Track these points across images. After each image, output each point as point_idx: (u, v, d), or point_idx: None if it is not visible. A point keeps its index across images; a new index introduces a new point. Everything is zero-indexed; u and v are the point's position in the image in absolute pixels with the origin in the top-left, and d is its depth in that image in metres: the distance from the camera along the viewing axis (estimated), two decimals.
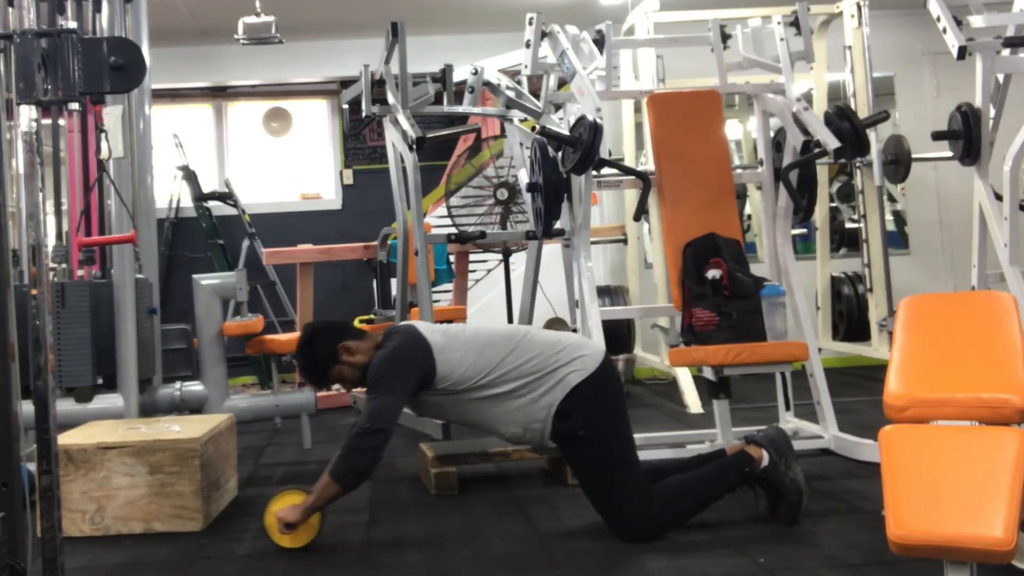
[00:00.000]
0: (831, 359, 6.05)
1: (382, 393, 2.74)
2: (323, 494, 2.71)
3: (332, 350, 2.90)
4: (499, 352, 2.81)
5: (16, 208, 2.98)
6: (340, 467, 2.69)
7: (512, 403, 2.79)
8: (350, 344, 2.91)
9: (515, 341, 2.84)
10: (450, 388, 2.80)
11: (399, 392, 2.76)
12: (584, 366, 2.79)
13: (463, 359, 2.80)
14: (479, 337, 2.86)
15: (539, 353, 2.81)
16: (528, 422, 2.79)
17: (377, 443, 2.68)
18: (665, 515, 2.75)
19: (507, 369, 2.79)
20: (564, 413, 2.77)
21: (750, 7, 4.99)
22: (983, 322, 2.23)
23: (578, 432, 2.75)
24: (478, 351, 2.81)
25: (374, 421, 2.69)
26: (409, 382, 2.78)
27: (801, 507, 2.75)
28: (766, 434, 2.86)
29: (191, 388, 4.17)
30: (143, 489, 3.05)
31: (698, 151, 3.95)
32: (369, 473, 2.74)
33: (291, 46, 6.36)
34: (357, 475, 2.72)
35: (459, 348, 2.82)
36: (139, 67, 2.02)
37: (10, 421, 1.88)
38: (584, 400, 2.77)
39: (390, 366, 2.79)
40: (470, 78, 4.76)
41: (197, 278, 4.32)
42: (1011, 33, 3.88)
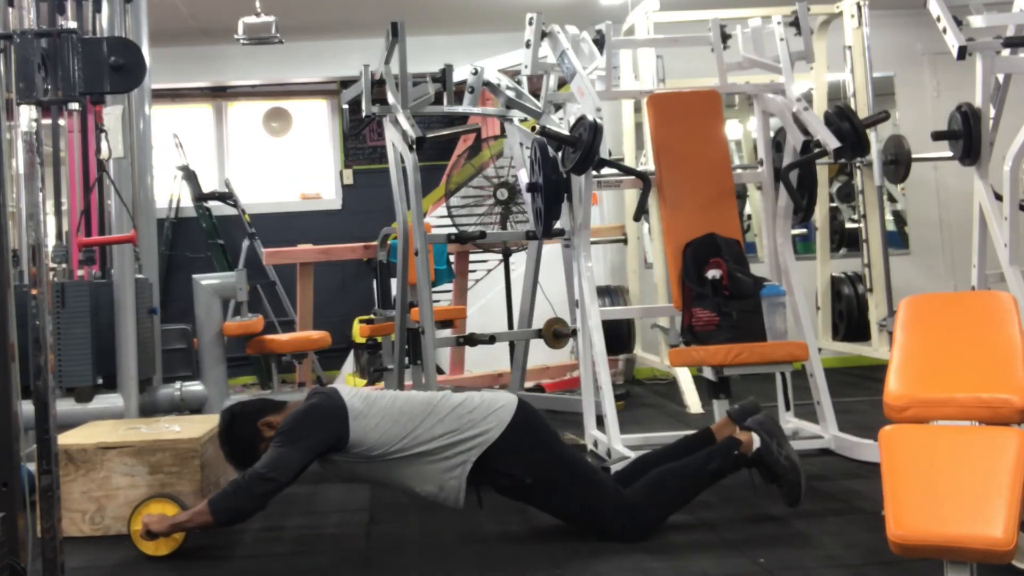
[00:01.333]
0: (831, 359, 6.05)
1: (286, 444, 2.68)
2: (195, 519, 2.66)
3: (252, 430, 2.83)
4: (414, 419, 2.76)
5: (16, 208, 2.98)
6: (222, 503, 2.63)
7: (425, 465, 2.74)
8: (271, 419, 2.84)
9: (431, 407, 2.79)
10: (363, 454, 2.75)
11: (304, 448, 2.69)
12: (500, 419, 2.76)
13: (378, 425, 2.74)
14: (396, 404, 2.81)
15: (452, 416, 2.77)
16: (443, 481, 2.75)
17: (266, 490, 2.63)
18: (655, 508, 2.75)
19: (419, 433, 2.74)
20: (504, 472, 2.74)
21: (750, 7, 4.99)
22: (983, 322, 2.23)
23: (525, 480, 2.74)
24: (394, 418, 2.76)
25: (270, 469, 2.63)
26: (316, 441, 2.72)
27: (801, 485, 2.75)
28: (754, 419, 2.86)
29: (191, 388, 4.17)
30: (143, 489, 3.05)
31: (698, 151, 3.95)
32: (248, 517, 2.69)
33: (291, 46, 6.36)
34: (236, 514, 2.67)
35: (375, 415, 2.76)
36: (139, 67, 2.03)
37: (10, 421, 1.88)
38: (514, 450, 2.74)
39: (302, 420, 2.74)
40: (470, 78, 4.76)
41: (197, 278, 4.32)
42: (1011, 33, 3.88)
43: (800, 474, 2.76)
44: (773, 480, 2.78)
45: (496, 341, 4.65)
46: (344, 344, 6.50)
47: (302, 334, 4.89)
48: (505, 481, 2.76)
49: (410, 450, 2.73)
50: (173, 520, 2.70)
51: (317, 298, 5.90)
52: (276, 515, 3.24)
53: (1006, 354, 2.12)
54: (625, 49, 5.83)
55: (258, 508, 2.67)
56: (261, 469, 2.63)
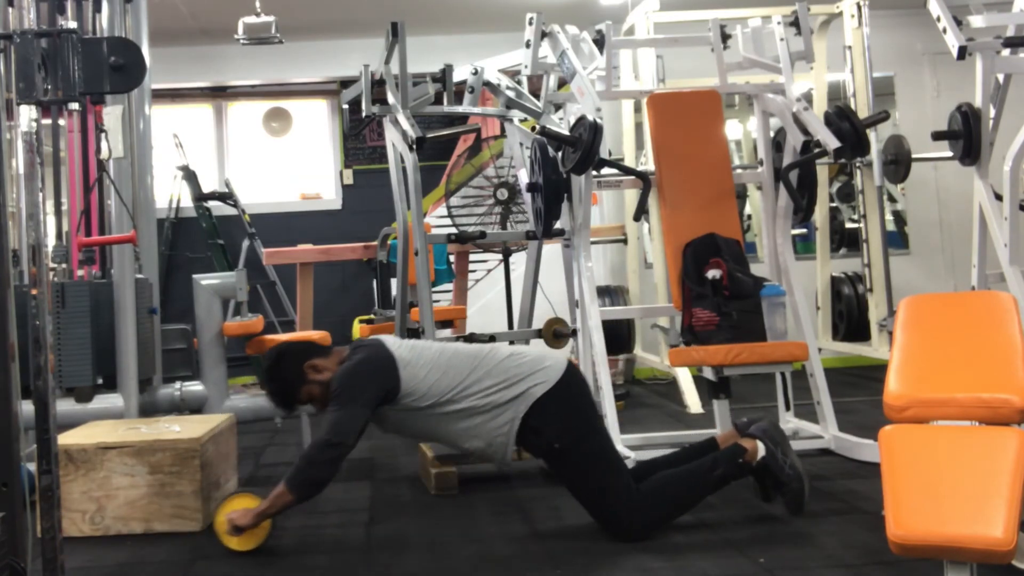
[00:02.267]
0: (831, 359, 6.05)
1: (344, 405, 2.71)
2: (276, 502, 2.69)
3: (299, 370, 2.86)
4: (463, 371, 2.79)
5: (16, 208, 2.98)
6: (297, 478, 2.67)
7: (475, 419, 2.78)
8: (317, 362, 2.87)
9: (479, 359, 2.83)
10: (413, 404, 2.78)
11: (361, 404, 2.73)
12: (547, 378, 2.78)
13: (428, 376, 2.78)
14: (444, 355, 2.84)
15: (501, 370, 2.79)
16: (491, 437, 2.78)
17: (336, 455, 2.66)
18: (659, 510, 2.75)
19: (469, 385, 2.77)
20: (536, 429, 2.76)
21: (750, 7, 4.99)
22: (983, 322, 2.23)
23: (554, 445, 2.75)
24: (443, 369, 2.79)
25: (335, 434, 2.66)
26: (372, 395, 2.75)
27: (804, 493, 2.75)
28: (759, 426, 2.86)
29: (191, 388, 4.17)
30: (143, 489, 3.05)
31: (698, 151, 3.95)
32: (325, 485, 2.71)
33: (291, 46, 6.36)
34: (313, 486, 2.70)
35: (424, 365, 2.79)
36: (139, 67, 2.02)
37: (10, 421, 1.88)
38: (553, 412, 2.76)
39: (353, 378, 2.77)
40: (470, 78, 4.75)
41: (197, 278, 4.32)
42: (1011, 33, 3.88)
43: (804, 482, 2.75)
44: (777, 488, 2.78)
45: (496, 341, 4.65)
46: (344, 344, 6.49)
47: (302, 334, 4.89)
48: (534, 439, 2.77)
49: (459, 402, 2.76)
50: (256, 510, 2.73)
51: (317, 298, 5.90)
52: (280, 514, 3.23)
53: (1006, 354, 2.12)
54: (625, 49, 5.83)
55: (333, 474, 2.69)
56: (326, 436, 2.67)
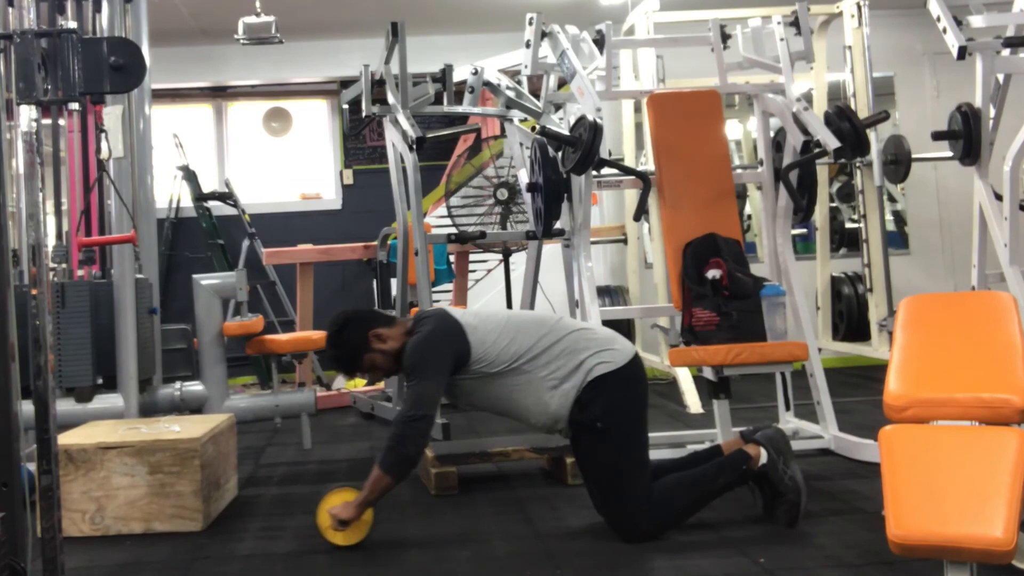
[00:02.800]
0: (831, 359, 6.05)
1: (421, 379, 2.75)
2: (375, 488, 2.72)
3: (363, 337, 2.88)
4: (531, 337, 2.82)
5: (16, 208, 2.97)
6: (389, 458, 2.70)
7: (543, 393, 2.79)
8: (381, 331, 2.89)
9: (547, 327, 2.85)
10: (483, 370, 2.80)
11: (437, 374, 2.77)
12: (613, 359, 2.80)
13: (497, 341, 2.81)
14: (512, 321, 2.88)
15: (570, 340, 2.82)
16: (557, 411, 2.79)
17: (422, 429, 2.70)
18: (663, 514, 2.75)
19: (538, 354, 2.80)
20: (585, 402, 2.76)
21: (750, 7, 4.99)
22: (983, 322, 2.23)
23: (596, 423, 2.75)
24: (511, 336, 2.82)
25: (417, 407, 2.70)
26: (446, 365, 2.78)
27: (800, 507, 2.75)
28: (764, 433, 2.86)
29: (191, 388, 4.17)
30: (143, 489, 3.05)
31: (698, 151, 3.95)
32: (418, 460, 2.75)
33: (291, 46, 6.36)
34: (407, 464, 2.73)
35: (492, 330, 2.83)
36: (139, 67, 2.02)
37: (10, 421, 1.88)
38: (607, 392, 2.76)
39: (426, 350, 2.79)
40: (470, 78, 4.76)
41: (197, 278, 4.32)
42: (1011, 33, 3.88)
43: (801, 495, 2.74)
44: (775, 497, 2.78)
45: None
46: None
47: (302, 334, 4.89)
48: (580, 414, 2.77)
49: (528, 371, 2.78)
50: (357, 500, 2.74)
51: (317, 298, 5.90)
52: (276, 515, 3.24)
53: (1006, 354, 2.12)
54: (625, 49, 5.83)
55: (423, 447, 2.74)
56: (409, 412, 2.70)
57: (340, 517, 2.74)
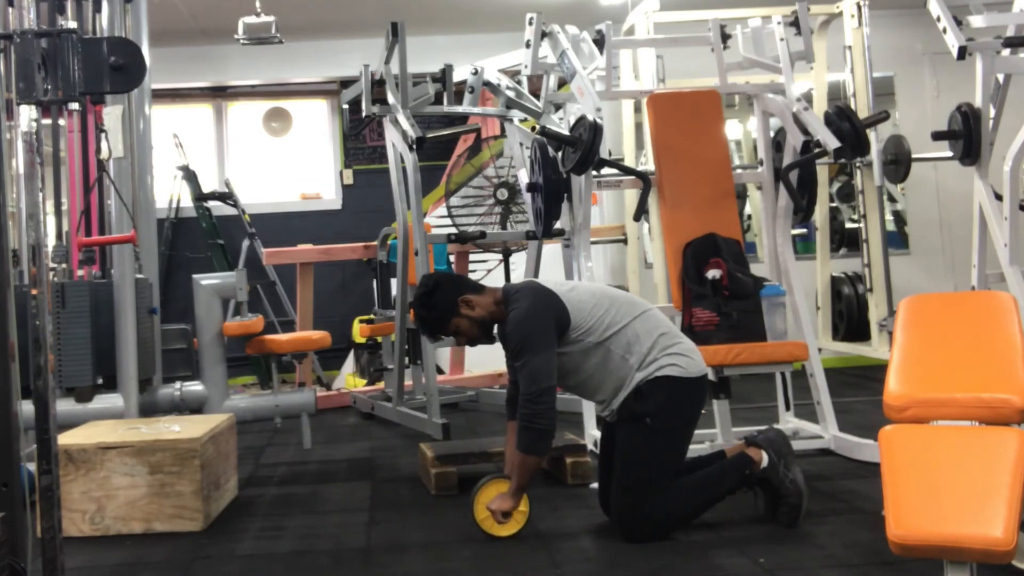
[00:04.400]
0: (831, 359, 6.05)
1: (533, 353, 2.74)
2: (524, 471, 2.75)
3: (453, 302, 2.90)
4: (625, 314, 2.83)
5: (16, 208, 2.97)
6: (527, 438, 2.72)
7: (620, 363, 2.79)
8: (470, 298, 2.91)
9: (640, 309, 2.87)
10: (584, 335, 2.80)
11: (547, 344, 2.76)
12: (687, 367, 2.81)
13: (593, 309, 2.81)
14: (606, 293, 2.90)
15: (658, 331, 2.83)
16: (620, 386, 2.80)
17: (549, 402, 2.71)
18: (667, 518, 2.75)
19: (631, 334, 2.80)
20: (644, 394, 2.77)
21: (750, 7, 4.99)
22: (983, 322, 2.23)
23: (646, 418, 2.76)
24: (605, 306, 2.83)
25: (536, 382, 2.71)
26: (552, 335, 2.78)
27: (801, 509, 2.75)
28: (765, 436, 2.86)
29: (191, 388, 4.17)
30: (143, 489, 3.05)
31: (698, 151, 3.95)
32: (554, 432, 2.77)
33: (291, 46, 6.36)
34: (545, 438, 2.75)
35: (583, 299, 2.83)
36: (139, 67, 2.02)
37: (10, 421, 1.88)
38: (668, 393, 2.77)
39: (531, 323, 2.78)
40: (470, 78, 4.76)
41: (197, 278, 4.32)
42: (1011, 33, 3.88)
43: (802, 498, 2.76)
44: (775, 500, 2.78)
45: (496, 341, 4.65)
46: (344, 344, 6.50)
47: (302, 334, 4.89)
48: (635, 404, 2.78)
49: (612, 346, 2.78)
50: (512, 488, 2.77)
51: (317, 298, 5.90)
52: (276, 515, 3.24)
53: (1006, 354, 2.12)
54: (625, 49, 5.83)
55: (555, 418, 2.74)
56: (531, 388, 2.71)
57: (502, 509, 2.77)
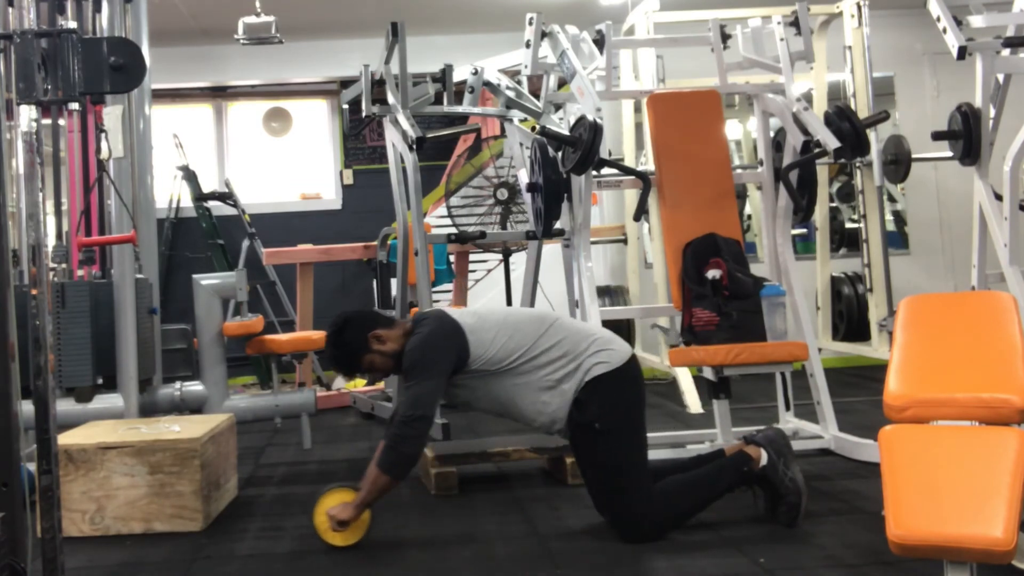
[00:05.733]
0: (831, 359, 6.05)
1: (420, 379, 2.74)
2: (373, 488, 2.72)
3: (363, 338, 2.89)
4: (529, 336, 2.81)
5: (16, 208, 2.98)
6: (388, 458, 2.70)
7: (543, 394, 2.79)
8: (380, 332, 2.90)
9: (545, 324, 2.85)
10: (483, 369, 2.80)
11: (437, 376, 2.76)
12: (610, 359, 2.79)
13: (495, 339, 2.80)
14: (510, 319, 2.87)
15: (568, 340, 2.82)
16: (555, 412, 2.79)
17: (421, 430, 2.69)
18: (665, 515, 2.75)
19: (537, 353, 2.79)
20: (583, 403, 2.76)
21: (750, 7, 4.99)
22: (983, 322, 2.23)
23: (594, 424, 2.75)
24: (509, 333, 2.82)
25: (415, 408, 2.69)
26: (445, 365, 2.78)
27: (800, 508, 2.75)
28: (765, 435, 2.86)
29: (191, 388, 4.17)
30: (143, 489, 3.05)
31: (698, 151, 3.95)
32: (416, 460, 2.76)
33: (291, 46, 6.36)
34: (406, 464, 2.73)
35: (491, 329, 2.82)
36: (139, 67, 2.02)
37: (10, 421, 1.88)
38: (605, 393, 2.77)
39: (426, 350, 2.78)
40: (470, 78, 4.76)
41: (197, 278, 4.32)
42: (1011, 33, 3.88)
43: (802, 496, 2.75)
44: (774, 499, 2.78)
45: None
46: None
47: (302, 334, 4.89)
48: (578, 414, 2.77)
49: (528, 371, 2.78)
50: (356, 501, 2.74)
51: (317, 298, 5.90)
52: (276, 515, 3.24)
53: (1006, 354, 2.12)
54: (625, 49, 5.83)
55: (422, 447, 2.74)
56: (409, 411, 2.69)
57: (339, 518, 2.74)
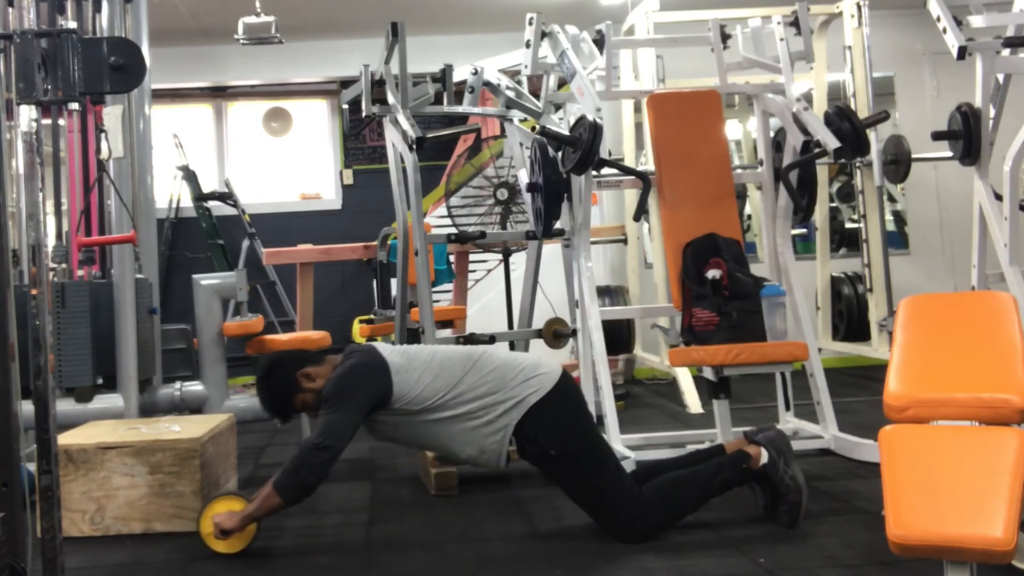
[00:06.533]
0: (831, 359, 6.05)
1: (335, 410, 2.69)
2: (264, 505, 2.67)
3: (291, 379, 2.84)
4: (455, 373, 2.77)
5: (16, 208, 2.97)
6: (285, 480, 2.65)
7: (468, 424, 2.76)
8: (309, 370, 2.85)
9: (471, 361, 2.81)
10: (406, 408, 2.76)
11: (353, 409, 2.71)
12: (541, 385, 2.77)
13: (420, 379, 2.76)
14: (436, 358, 2.82)
15: (495, 375, 2.78)
16: (484, 443, 2.77)
17: (326, 459, 2.64)
18: (662, 512, 2.75)
19: (463, 390, 2.75)
20: (532, 437, 2.75)
21: (750, 7, 4.99)
22: (983, 322, 2.23)
23: (550, 452, 2.74)
24: (435, 372, 2.78)
25: (325, 437, 2.64)
26: (364, 400, 2.73)
27: (801, 507, 2.75)
28: (765, 434, 2.86)
29: (191, 388, 4.17)
30: (143, 489, 3.05)
31: (698, 151, 3.95)
32: (314, 489, 2.69)
33: (291, 46, 6.36)
34: (301, 490, 2.67)
35: (417, 368, 2.77)
36: (139, 67, 2.02)
37: (10, 421, 1.88)
38: (549, 419, 2.75)
39: (346, 382, 2.75)
40: (470, 78, 4.75)
41: (197, 278, 4.32)
42: (1011, 33, 3.88)
43: (803, 495, 2.75)
44: (775, 498, 2.78)
45: (496, 341, 4.64)
46: (344, 344, 6.48)
47: (302, 334, 4.88)
48: (530, 447, 2.76)
49: (453, 407, 2.74)
50: (243, 513, 2.71)
51: (317, 298, 5.89)
52: (276, 515, 3.23)
53: (1006, 354, 2.12)
54: (625, 49, 5.83)
55: (321, 478, 2.67)
56: (316, 439, 2.65)
57: (222, 527, 2.70)
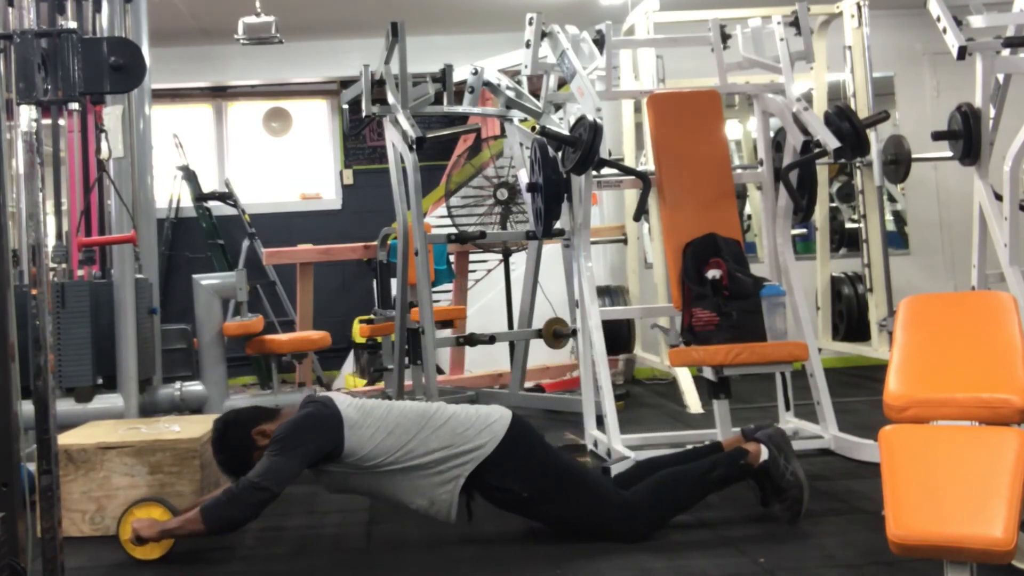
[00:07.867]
0: (831, 359, 6.05)
1: (280, 453, 2.65)
2: (186, 526, 2.63)
3: (246, 437, 2.80)
4: (409, 431, 2.74)
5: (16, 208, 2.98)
6: (214, 512, 2.61)
7: (418, 478, 2.73)
8: (265, 427, 2.81)
9: (425, 419, 2.77)
10: (356, 464, 2.73)
11: (298, 456, 2.66)
12: (494, 434, 2.74)
13: (373, 436, 2.72)
14: (391, 415, 2.78)
15: (446, 430, 2.75)
16: (434, 496, 2.73)
17: (259, 500, 2.60)
18: (654, 510, 2.75)
19: (414, 446, 2.72)
20: (499, 487, 2.73)
21: (750, 7, 4.99)
22: (983, 322, 2.23)
23: (522, 495, 2.72)
24: (389, 429, 2.74)
25: (263, 478, 2.60)
26: (310, 450, 2.69)
27: (803, 503, 2.74)
28: (764, 432, 2.86)
29: (191, 388, 4.17)
30: (143, 489, 3.05)
31: (698, 151, 3.95)
32: (239, 527, 2.66)
33: (291, 46, 6.36)
34: (229, 524, 2.64)
35: (371, 426, 2.74)
36: (139, 67, 2.03)
37: (10, 421, 1.88)
38: (510, 465, 2.73)
39: (296, 429, 2.70)
40: (470, 78, 4.76)
41: (197, 278, 4.32)
42: (1011, 33, 3.88)
43: (804, 491, 2.74)
44: (776, 494, 2.78)
45: (496, 341, 4.65)
46: (344, 344, 6.50)
47: (302, 334, 4.89)
48: (501, 495, 2.75)
49: (404, 463, 2.71)
50: (163, 526, 2.67)
51: (317, 298, 5.90)
52: (276, 515, 3.23)
53: (1006, 354, 2.12)
54: (625, 49, 5.83)
55: (251, 517, 2.63)
56: (254, 478, 2.60)
57: (140, 534, 2.68)
